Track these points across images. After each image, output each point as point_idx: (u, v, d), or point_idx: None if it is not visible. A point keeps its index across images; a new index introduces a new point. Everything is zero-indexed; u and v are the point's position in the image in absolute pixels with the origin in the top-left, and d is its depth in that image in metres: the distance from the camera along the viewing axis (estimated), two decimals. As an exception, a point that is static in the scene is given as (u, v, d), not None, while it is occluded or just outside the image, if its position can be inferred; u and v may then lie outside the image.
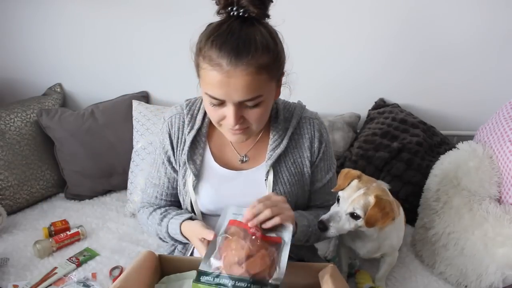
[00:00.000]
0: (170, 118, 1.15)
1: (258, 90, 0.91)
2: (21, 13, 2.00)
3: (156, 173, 1.20)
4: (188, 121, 1.13)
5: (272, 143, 1.11)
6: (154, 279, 0.98)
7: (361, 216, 1.05)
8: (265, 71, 0.90)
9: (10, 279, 1.38)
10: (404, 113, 1.85)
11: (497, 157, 1.45)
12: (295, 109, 1.15)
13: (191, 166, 1.11)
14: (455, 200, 1.43)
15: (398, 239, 1.26)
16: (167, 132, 1.14)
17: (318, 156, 1.16)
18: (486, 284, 1.30)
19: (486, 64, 1.82)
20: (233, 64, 0.87)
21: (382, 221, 1.05)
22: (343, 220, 1.07)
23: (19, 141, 1.82)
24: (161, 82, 2.08)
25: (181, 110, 1.15)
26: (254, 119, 0.97)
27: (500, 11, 1.73)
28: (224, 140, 1.14)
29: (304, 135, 1.14)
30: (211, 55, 0.89)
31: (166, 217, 1.14)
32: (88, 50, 2.05)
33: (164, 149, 1.16)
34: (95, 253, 1.51)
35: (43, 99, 2.02)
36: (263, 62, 0.89)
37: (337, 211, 1.08)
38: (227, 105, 0.93)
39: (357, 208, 1.05)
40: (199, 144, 1.13)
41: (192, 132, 1.12)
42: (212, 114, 0.98)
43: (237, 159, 1.14)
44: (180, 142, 1.14)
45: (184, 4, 1.86)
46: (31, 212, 1.80)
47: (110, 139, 1.88)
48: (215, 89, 0.90)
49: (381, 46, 1.87)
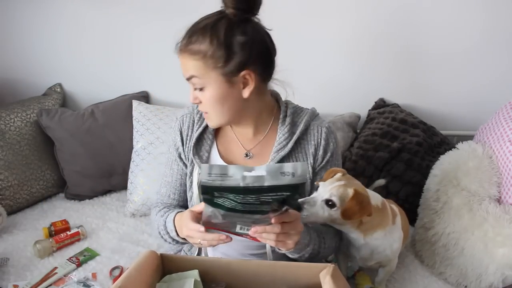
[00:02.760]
0: (181, 117, 1.22)
1: (191, 71, 1.02)
2: (21, 13, 2.00)
3: (169, 171, 1.25)
4: (197, 119, 1.19)
5: (277, 144, 1.13)
6: (156, 278, 0.98)
7: (337, 205, 1.03)
8: (198, 58, 1.00)
9: (10, 279, 1.37)
10: (404, 113, 1.85)
11: (497, 157, 1.45)
12: (306, 114, 1.17)
13: (197, 161, 1.14)
14: (455, 200, 1.43)
15: (393, 249, 1.21)
16: (179, 130, 1.21)
17: (320, 164, 1.16)
18: (486, 284, 1.30)
19: (486, 64, 1.82)
20: (182, 44, 1.02)
21: (359, 215, 1.04)
22: (318, 205, 1.04)
23: (19, 141, 1.82)
24: (161, 82, 2.08)
25: (192, 110, 1.21)
26: (205, 104, 1.06)
27: (500, 11, 1.74)
28: (230, 136, 1.18)
29: (310, 141, 1.15)
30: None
31: (169, 211, 1.18)
32: (88, 50, 2.05)
33: (175, 146, 1.22)
34: (95, 253, 1.51)
35: (43, 99, 2.02)
36: (199, 49, 0.99)
37: (314, 197, 1.06)
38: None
39: (333, 195, 1.03)
40: (206, 141, 1.17)
41: (200, 129, 1.17)
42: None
43: (241, 154, 1.16)
44: (189, 139, 1.19)
45: (184, 4, 1.86)
46: (31, 212, 1.80)
47: (110, 139, 1.88)
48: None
49: (382, 46, 1.87)
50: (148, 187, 1.74)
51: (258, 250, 1.18)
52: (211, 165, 0.79)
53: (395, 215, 1.22)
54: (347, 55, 1.91)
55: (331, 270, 0.91)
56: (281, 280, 0.95)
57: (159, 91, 2.10)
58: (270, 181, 0.79)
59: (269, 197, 0.80)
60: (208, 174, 0.78)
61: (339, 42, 1.89)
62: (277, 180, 0.79)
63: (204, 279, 0.99)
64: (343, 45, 1.90)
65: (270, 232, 0.90)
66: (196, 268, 0.99)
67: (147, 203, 1.74)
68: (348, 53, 1.91)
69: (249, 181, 0.79)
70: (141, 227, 1.67)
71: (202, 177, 0.78)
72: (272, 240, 0.91)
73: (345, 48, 1.90)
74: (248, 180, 0.79)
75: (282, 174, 0.80)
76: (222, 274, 0.99)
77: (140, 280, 0.92)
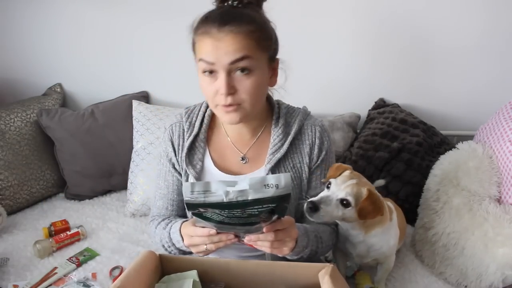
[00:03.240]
0: (170, 127, 1.18)
1: (245, 51, 0.95)
2: (21, 13, 2.00)
3: (164, 183, 1.20)
4: (187, 128, 1.15)
5: (272, 147, 1.12)
6: (155, 279, 0.98)
7: (352, 204, 1.03)
8: (252, 37, 0.95)
9: (10, 279, 1.37)
10: (404, 113, 1.85)
11: (497, 157, 1.45)
12: (299, 114, 1.16)
13: (191, 171, 1.12)
14: (455, 200, 1.43)
15: (389, 246, 1.22)
16: (169, 140, 1.17)
17: (316, 163, 1.16)
18: (486, 284, 1.30)
19: (486, 64, 1.82)
20: (221, 28, 0.94)
21: (373, 215, 1.04)
22: (333, 205, 1.03)
23: (19, 141, 1.83)
24: (161, 82, 2.08)
25: (180, 119, 1.18)
26: (245, 91, 0.98)
27: (500, 11, 1.73)
28: (224, 142, 1.15)
29: (305, 141, 1.14)
30: (202, 27, 0.98)
31: (171, 222, 1.14)
32: (88, 50, 2.05)
33: (168, 157, 1.18)
34: (95, 253, 1.51)
35: (43, 99, 2.02)
36: (250, 29, 0.95)
37: (328, 195, 1.04)
38: (219, 74, 0.97)
39: (349, 195, 1.03)
40: (198, 149, 1.14)
41: (190, 137, 1.14)
42: (207, 90, 1.01)
43: (237, 159, 1.14)
44: (182, 149, 1.15)
45: (184, 4, 1.86)
46: (31, 212, 1.80)
47: (110, 139, 1.89)
48: (208, 53, 0.96)
49: (382, 46, 1.87)
50: (148, 187, 1.74)
51: (256, 252, 1.18)
52: (192, 183, 0.78)
53: (391, 212, 1.23)
54: (347, 55, 1.91)
55: (329, 270, 0.91)
56: (280, 280, 0.95)
57: (159, 91, 2.10)
58: (253, 195, 0.78)
59: (255, 210, 0.80)
60: (190, 192, 0.78)
61: (339, 43, 1.89)
62: (261, 193, 0.78)
63: (203, 279, 0.99)
64: (343, 46, 1.89)
65: (263, 240, 0.90)
66: (195, 268, 0.99)
67: (147, 203, 1.74)
68: (348, 53, 1.91)
69: (232, 196, 0.78)
70: (141, 227, 1.67)
71: (185, 195, 0.78)
72: (267, 247, 0.91)
73: (345, 48, 1.90)
74: (231, 195, 0.78)
75: (266, 186, 0.79)
76: (220, 274, 0.98)
77: (139, 281, 0.92)
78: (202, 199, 0.78)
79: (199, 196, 0.78)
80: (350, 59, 1.92)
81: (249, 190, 0.78)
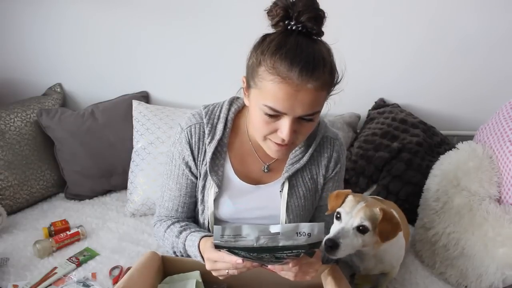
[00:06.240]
0: (189, 128, 1.11)
1: (318, 106, 0.93)
2: (21, 13, 1.99)
3: (176, 185, 1.16)
4: (209, 131, 1.09)
5: (292, 157, 1.11)
6: (157, 279, 0.99)
7: (369, 229, 0.98)
8: (326, 88, 0.93)
9: (10, 279, 1.37)
10: (404, 113, 1.85)
11: (497, 157, 1.45)
12: (319, 126, 1.14)
13: (214, 178, 1.09)
14: (455, 200, 1.43)
15: (397, 257, 1.20)
16: (187, 143, 1.11)
17: (330, 175, 1.16)
18: (486, 284, 1.31)
19: (486, 64, 1.83)
20: (304, 79, 0.87)
21: (394, 233, 1.01)
22: (351, 235, 0.98)
23: (19, 141, 1.82)
24: (161, 82, 2.08)
25: (200, 120, 1.11)
26: (304, 133, 0.97)
27: (500, 11, 1.74)
28: (246, 150, 1.12)
29: (323, 154, 1.14)
30: (281, 68, 0.87)
31: (186, 230, 1.11)
32: (88, 50, 2.05)
33: (184, 160, 1.12)
34: (95, 253, 1.51)
35: (43, 99, 2.02)
36: (327, 79, 0.92)
37: (343, 227, 0.98)
38: (284, 118, 0.91)
39: (364, 220, 0.98)
40: (220, 155, 1.10)
41: (213, 142, 1.08)
42: (262, 127, 0.95)
43: (259, 168, 1.13)
44: (201, 152, 1.11)
45: (184, 5, 1.86)
46: (31, 212, 1.79)
47: (110, 139, 1.88)
48: (280, 101, 0.88)
49: (381, 46, 1.88)
50: (148, 187, 1.74)
51: None
52: (223, 227, 0.76)
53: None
54: (347, 55, 1.89)
55: (333, 271, 0.91)
56: (283, 280, 0.95)
57: (159, 91, 2.10)
58: (284, 242, 0.77)
59: (284, 254, 0.79)
60: (220, 236, 0.77)
61: (340, 42, 1.88)
62: (292, 240, 0.77)
63: (206, 280, 0.99)
64: (343, 45, 1.89)
65: (287, 271, 0.89)
66: (197, 269, 1.00)
67: (147, 203, 1.74)
68: (348, 53, 1.89)
69: (263, 241, 0.77)
70: (141, 227, 1.67)
71: (215, 238, 0.77)
72: (290, 277, 0.90)
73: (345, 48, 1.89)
74: (262, 240, 0.77)
75: (298, 234, 0.78)
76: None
77: (142, 281, 0.92)
78: (232, 243, 0.77)
79: (229, 239, 0.77)
80: (350, 59, 1.90)
81: (280, 236, 0.77)
